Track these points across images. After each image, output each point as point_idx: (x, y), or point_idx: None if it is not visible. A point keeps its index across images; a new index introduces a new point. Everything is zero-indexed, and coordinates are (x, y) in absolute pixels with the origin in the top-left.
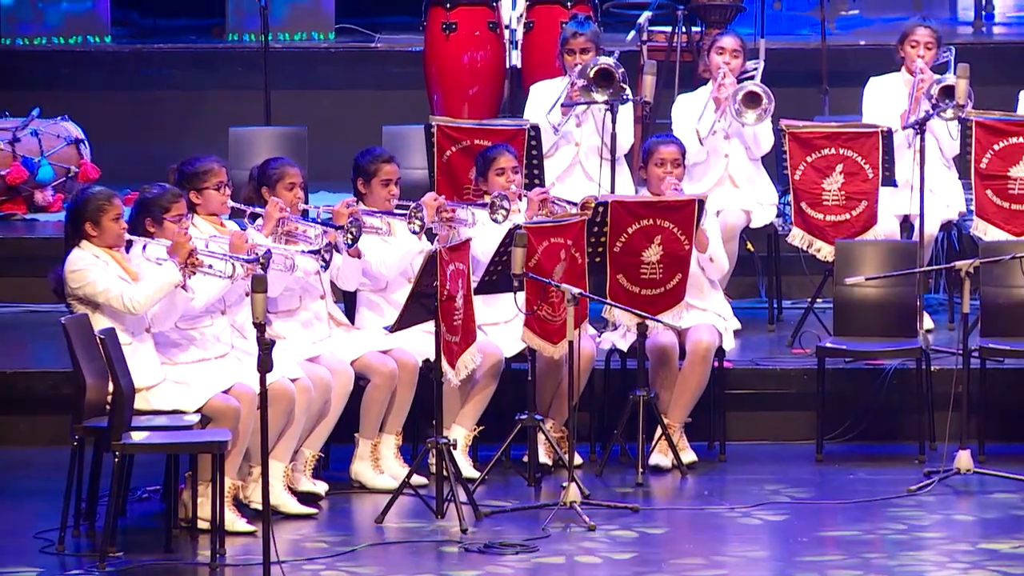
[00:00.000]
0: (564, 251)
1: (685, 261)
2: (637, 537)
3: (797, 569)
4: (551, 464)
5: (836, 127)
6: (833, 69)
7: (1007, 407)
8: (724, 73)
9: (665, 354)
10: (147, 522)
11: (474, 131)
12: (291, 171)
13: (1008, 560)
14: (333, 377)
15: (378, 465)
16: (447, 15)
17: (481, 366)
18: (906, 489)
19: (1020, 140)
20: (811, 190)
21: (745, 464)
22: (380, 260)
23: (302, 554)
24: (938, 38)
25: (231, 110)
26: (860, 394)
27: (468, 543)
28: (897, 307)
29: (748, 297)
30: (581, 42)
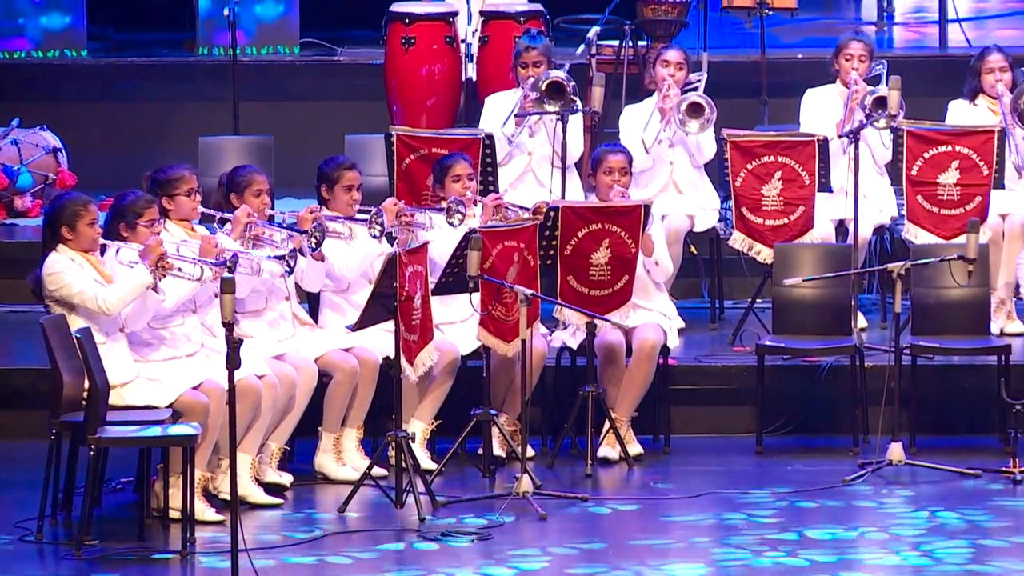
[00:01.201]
0: (517, 254)
1: (632, 263)
2: (587, 525)
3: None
4: (505, 456)
5: (775, 136)
6: (771, 81)
7: (936, 401)
8: (669, 85)
9: (613, 352)
10: (121, 512)
11: (432, 140)
12: (258, 178)
13: (939, 547)
14: (298, 374)
15: (340, 457)
16: (406, 30)
17: (438, 363)
18: (841, 479)
19: (949, 149)
20: (751, 196)
21: (688, 456)
22: (342, 263)
23: (268, 542)
24: (871, 51)
25: (201, 120)
26: (798, 390)
27: (426, 531)
28: (832, 307)
29: (691, 297)
30: (533, 56)
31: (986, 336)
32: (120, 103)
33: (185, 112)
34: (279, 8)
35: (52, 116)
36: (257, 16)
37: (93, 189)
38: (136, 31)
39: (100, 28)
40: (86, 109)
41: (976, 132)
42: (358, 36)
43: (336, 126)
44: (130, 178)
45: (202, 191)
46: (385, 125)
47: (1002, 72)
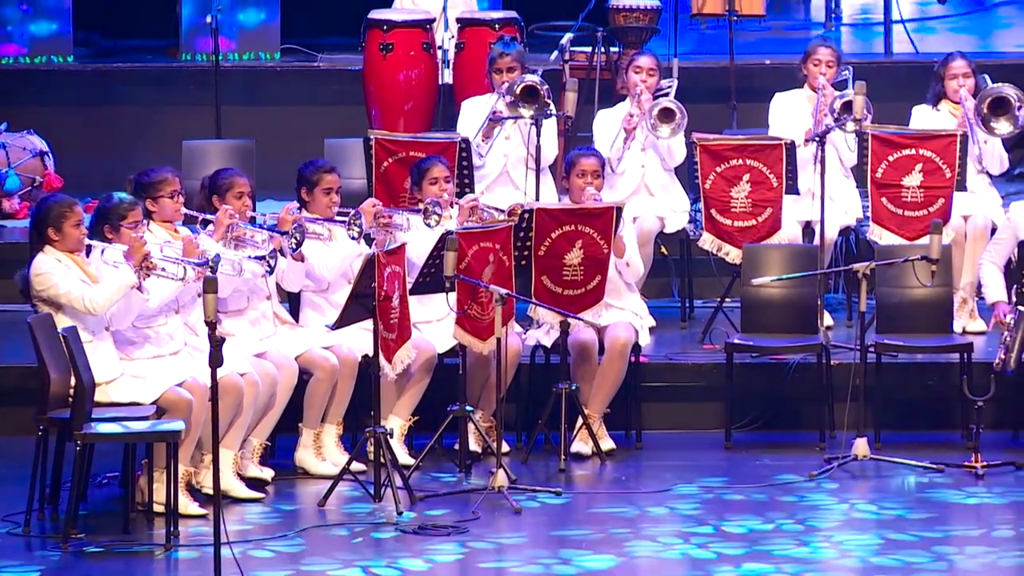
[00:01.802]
0: (492, 255)
1: (604, 264)
2: (561, 518)
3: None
4: (480, 452)
5: (743, 140)
6: (740, 86)
7: (900, 398)
8: (640, 90)
9: (586, 350)
10: (107, 506)
11: (409, 144)
12: (240, 181)
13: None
14: (279, 371)
15: (320, 453)
16: (384, 36)
17: (416, 361)
18: (808, 474)
19: (912, 152)
20: (720, 198)
21: (659, 451)
22: (322, 263)
23: (250, 535)
24: (838, 57)
25: (184, 124)
26: (765, 386)
27: (403, 525)
28: (799, 306)
29: (662, 297)
30: (508, 61)
31: (949, 334)
32: (105, 108)
33: (168, 116)
34: (260, 15)
35: (39, 120)
36: (239, 23)
37: (79, 191)
38: (121, 38)
39: (86, 35)
40: (72, 113)
41: (939, 136)
42: (337, 42)
43: (316, 130)
44: (115, 181)
45: (185, 193)
46: (364, 129)
47: (965, 78)
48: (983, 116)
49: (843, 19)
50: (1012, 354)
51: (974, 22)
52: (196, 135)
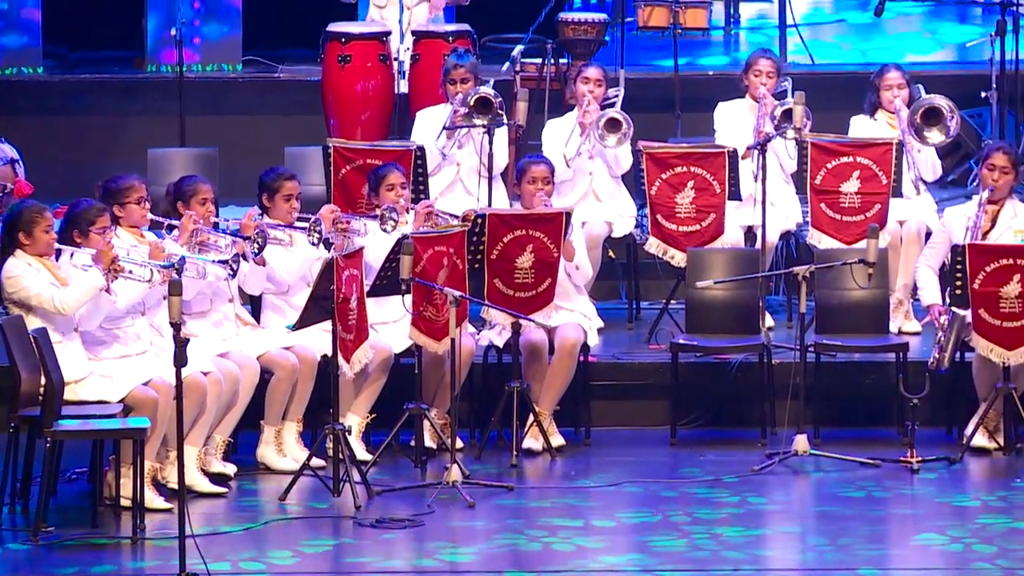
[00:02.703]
0: (447, 258)
1: (554, 267)
2: (512, 512)
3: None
4: (435, 448)
5: (687, 148)
6: (684, 96)
7: (839, 396)
8: (588, 100)
9: (536, 350)
10: (75, 500)
11: (366, 151)
12: (203, 187)
13: (839, 530)
14: (241, 371)
15: (281, 449)
16: (342, 48)
17: (373, 361)
18: (750, 469)
19: (850, 159)
20: (666, 204)
21: (607, 447)
22: (282, 267)
23: (214, 528)
24: (778, 68)
25: (150, 133)
26: (709, 385)
27: (361, 518)
28: (742, 307)
29: (610, 299)
30: (462, 73)
31: (885, 335)
32: (74, 117)
33: (135, 125)
34: (223, 28)
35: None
36: (202, 35)
37: (49, 198)
38: (89, 50)
39: (55, 47)
40: (42, 123)
41: (875, 144)
42: (297, 54)
43: (276, 139)
44: (83, 187)
45: (151, 199)
46: (323, 138)
47: (899, 89)
48: (916, 126)
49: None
50: (946, 353)
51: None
52: (161, 143)
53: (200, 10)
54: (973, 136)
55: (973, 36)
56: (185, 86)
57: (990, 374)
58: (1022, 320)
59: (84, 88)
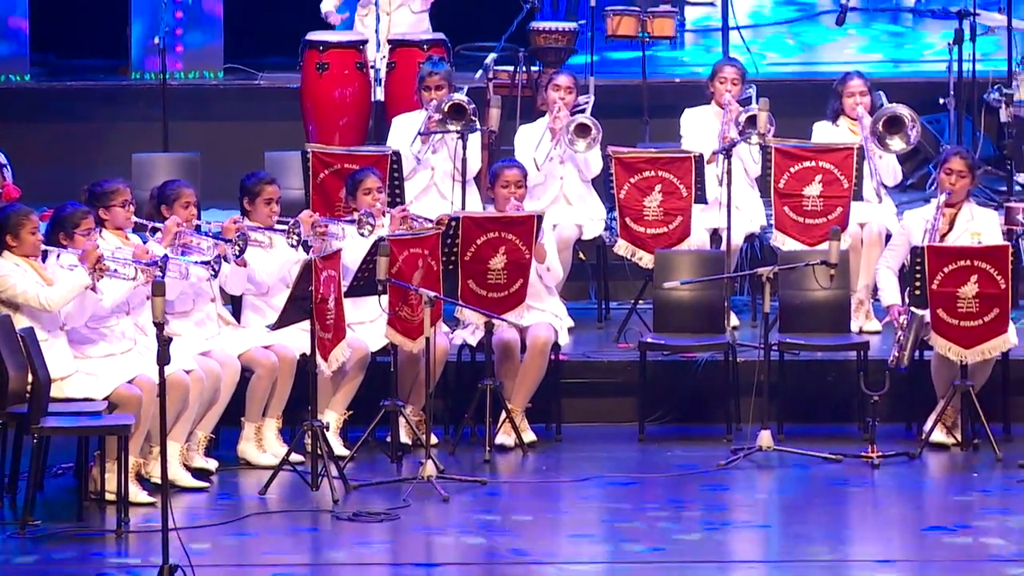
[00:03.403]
0: (422, 260)
1: (526, 268)
2: (485, 505)
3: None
4: (411, 444)
5: (655, 153)
6: (652, 103)
7: (802, 393)
8: (559, 107)
9: (509, 348)
10: (62, 495)
11: (344, 156)
12: (186, 191)
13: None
14: (222, 369)
15: (261, 445)
16: (320, 56)
17: (350, 359)
18: (716, 464)
19: (812, 164)
20: (634, 207)
21: (578, 443)
22: (263, 269)
23: (196, 521)
24: (743, 75)
25: (134, 138)
26: (676, 383)
27: (339, 512)
28: (708, 307)
29: (580, 299)
30: (436, 80)
31: (847, 334)
32: (60, 123)
33: (119, 131)
34: (205, 37)
35: None
36: (185, 44)
37: (35, 201)
38: (75, 58)
39: (43, 55)
40: (29, 128)
41: (837, 149)
42: (277, 62)
43: (257, 144)
44: (69, 191)
45: (135, 203)
46: (301, 143)
47: (862, 96)
48: (878, 134)
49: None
50: (905, 352)
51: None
52: (145, 148)
53: (182, 19)
54: (931, 141)
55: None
56: (168, 93)
57: (948, 372)
58: (979, 320)
59: (70, 95)
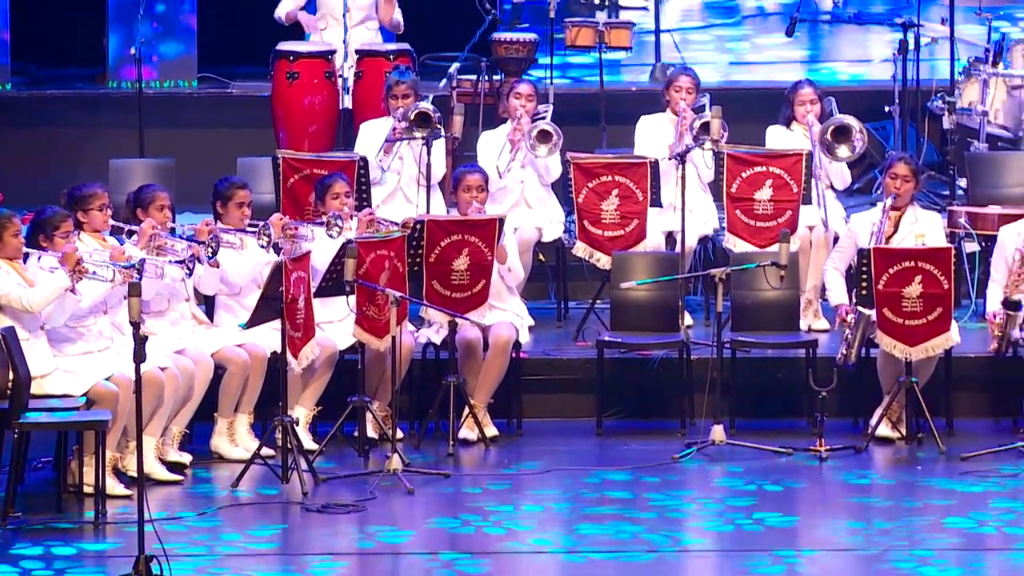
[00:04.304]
0: (388, 261)
1: (488, 269)
2: (448, 497)
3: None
4: (377, 438)
5: (612, 158)
6: (610, 110)
7: (753, 389)
8: (521, 114)
9: (472, 346)
10: (41, 487)
11: (313, 162)
12: (161, 195)
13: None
14: (196, 366)
15: (234, 439)
16: (290, 66)
17: (319, 357)
18: (671, 457)
19: (763, 169)
20: (592, 210)
21: (538, 437)
22: (235, 270)
23: (171, 513)
24: (697, 84)
25: (111, 145)
26: (633, 379)
27: (308, 504)
28: (663, 307)
29: (540, 299)
30: (403, 88)
31: (796, 332)
32: (40, 130)
33: (97, 138)
34: (180, 47)
35: None
36: (160, 54)
37: (16, 205)
38: (55, 67)
39: (23, 65)
40: (10, 135)
41: (787, 155)
42: (248, 71)
43: (229, 150)
44: (49, 195)
45: (112, 206)
46: (272, 149)
47: (812, 104)
48: (826, 143)
49: None
50: (852, 350)
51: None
52: (122, 154)
53: (158, 30)
54: (877, 147)
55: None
56: (144, 101)
57: (893, 369)
58: (923, 319)
59: (50, 103)
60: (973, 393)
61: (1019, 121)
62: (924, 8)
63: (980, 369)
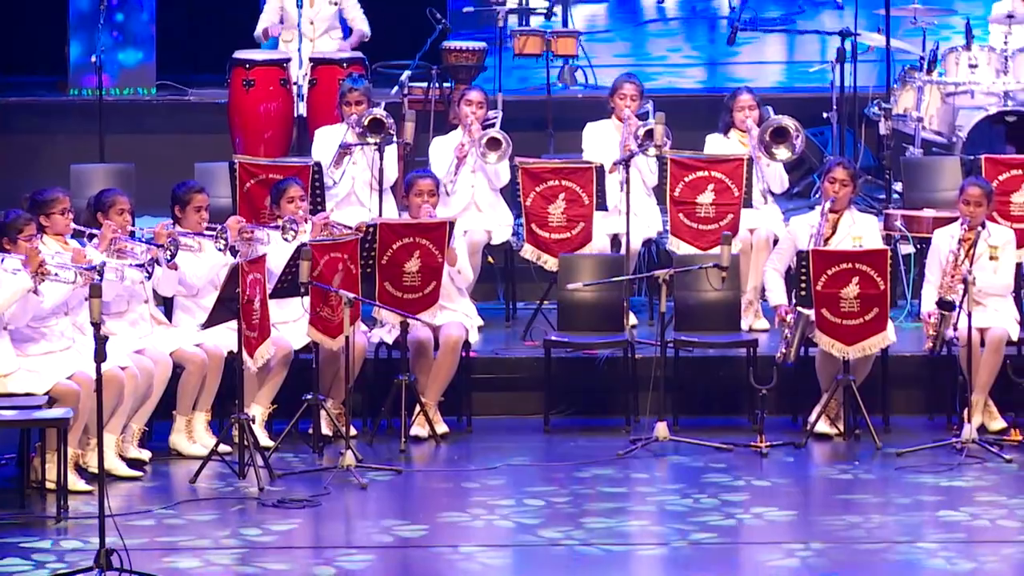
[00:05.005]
0: (342, 264)
1: (439, 271)
2: (400, 492)
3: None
4: (331, 435)
5: (559, 163)
6: (557, 116)
7: (695, 387)
8: (471, 121)
9: (423, 346)
10: (4, 483)
11: (269, 167)
12: (121, 199)
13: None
14: (155, 365)
15: (192, 436)
16: (247, 73)
17: (275, 356)
18: (616, 453)
19: (705, 174)
20: (539, 214)
21: (487, 434)
22: (193, 272)
23: (130, 508)
24: (641, 91)
25: (72, 151)
26: (579, 377)
27: (264, 499)
28: (608, 307)
29: (489, 300)
30: (356, 96)
31: (737, 332)
32: (3, 136)
33: (59, 144)
34: (138, 55)
35: None
36: (120, 62)
37: None
38: (17, 75)
39: None
40: None
41: (728, 160)
42: (206, 79)
43: (187, 155)
44: (12, 200)
45: (74, 210)
46: (229, 155)
47: (751, 110)
48: (765, 144)
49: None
50: (791, 349)
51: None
52: (83, 160)
53: (118, 39)
54: (816, 152)
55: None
56: (104, 108)
57: (831, 367)
58: (860, 319)
59: (12, 110)
60: (908, 391)
61: (953, 127)
62: (841, 16)
63: (915, 367)
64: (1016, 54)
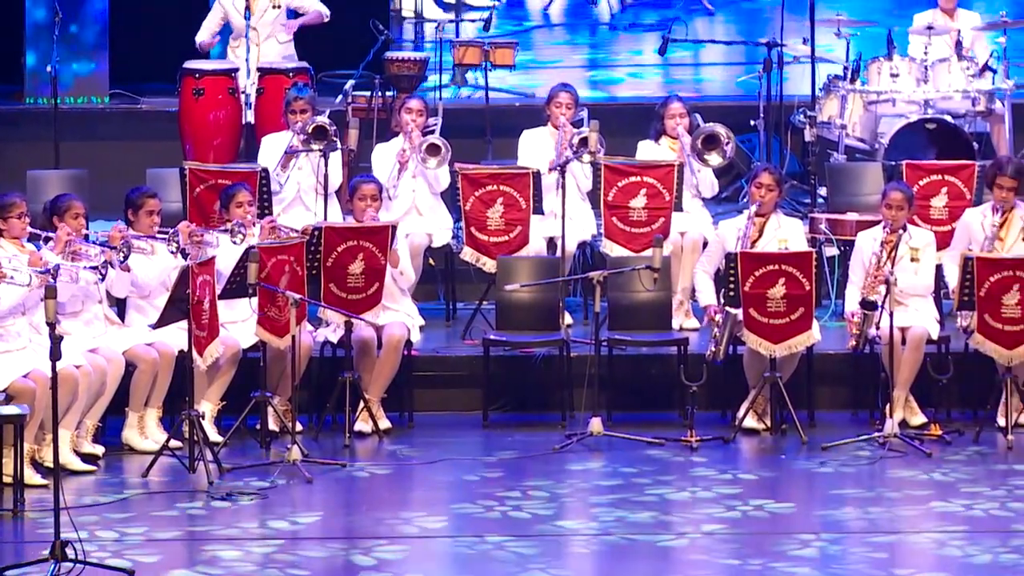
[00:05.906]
0: (288, 266)
1: (381, 273)
2: (345, 486)
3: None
4: (278, 431)
5: (497, 169)
6: (494, 124)
7: (629, 384)
8: (412, 128)
9: (366, 345)
10: None
11: (218, 173)
12: (76, 204)
13: (628, 500)
14: (108, 364)
15: (144, 432)
16: (196, 83)
17: (224, 355)
18: (552, 448)
19: (638, 179)
20: (478, 218)
21: (428, 429)
22: (145, 274)
23: (85, 501)
24: (576, 99)
25: (28, 157)
26: (516, 375)
27: (214, 492)
28: (545, 307)
29: (430, 300)
30: (301, 104)
31: (668, 331)
32: None
33: (14, 150)
34: (92, 65)
35: None
36: (74, 71)
37: None
38: None
39: None
40: None
41: (660, 166)
42: (157, 88)
43: (139, 162)
44: None
45: (30, 214)
46: (180, 161)
47: (681, 118)
48: (698, 150)
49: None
50: (720, 347)
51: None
52: (38, 166)
53: (72, 49)
54: (744, 158)
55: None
56: (59, 116)
57: (759, 365)
58: (786, 318)
59: None
60: (833, 387)
61: (875, 134)
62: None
63: (839, 365)
64: (936, 64)
